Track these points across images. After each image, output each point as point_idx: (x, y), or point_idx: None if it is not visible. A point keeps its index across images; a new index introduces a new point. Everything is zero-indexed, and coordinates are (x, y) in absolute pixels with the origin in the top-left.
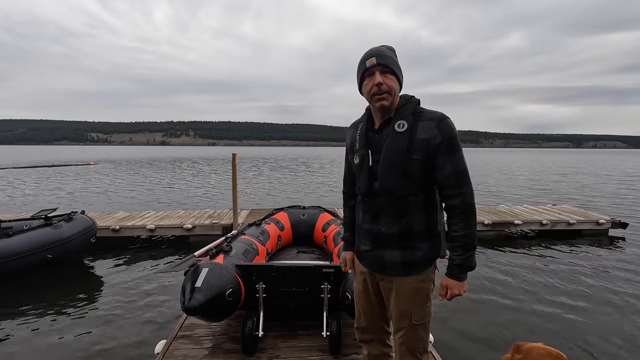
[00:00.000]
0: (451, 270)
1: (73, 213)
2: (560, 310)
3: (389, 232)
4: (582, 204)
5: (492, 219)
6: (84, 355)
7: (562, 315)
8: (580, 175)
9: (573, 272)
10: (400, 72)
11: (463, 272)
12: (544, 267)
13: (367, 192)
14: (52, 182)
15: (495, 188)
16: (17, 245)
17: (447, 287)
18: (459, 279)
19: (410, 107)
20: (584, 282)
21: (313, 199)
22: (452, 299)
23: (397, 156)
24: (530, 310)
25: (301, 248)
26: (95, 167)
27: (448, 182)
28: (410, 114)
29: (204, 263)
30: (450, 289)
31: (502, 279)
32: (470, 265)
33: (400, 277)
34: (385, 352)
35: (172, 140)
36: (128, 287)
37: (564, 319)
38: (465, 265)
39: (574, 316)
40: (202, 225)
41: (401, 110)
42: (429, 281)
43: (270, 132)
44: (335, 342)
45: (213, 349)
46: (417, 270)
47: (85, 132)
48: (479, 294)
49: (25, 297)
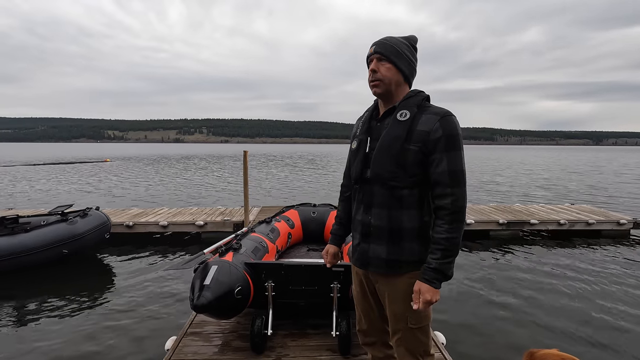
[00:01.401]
0: (425, 274)
1: (88, 209)
2: (578, 315)
3: (378, 224)
4: (602, 204)
5: (507, 218)
6: (96, 349)
7: (580, 319)
8: (599, 173)
9: (593, 275)
10: (404, 63)
11: (437, 278)
12: (562, 269)
13: (358, 179)
14: (70, 178)
15: (508, 186)
16: (34, 240)
17: (419, 292)
18: (433, 284)
19: (416, 100)
20: (605, 285)
21: (324, 196)
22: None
23: (393, 144)
24: (547, 313)
25: (311, 246)
26: (110, 164)
27: (441, 180)
28: (416, 106)
29: (213, 261)
30: (422, 294)
31: (517, 280)
32: (446, 272)
33: (389, 278)
34: (389, 354)
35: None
36: (140, 282)
37: (581, 324)
38: (441, 270)
39: (592, 320)
40: (214, 222)
41: (406, 102)
42: None
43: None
44: (344, 342)
45: (222, 347)
46: (402, 270)
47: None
48: (493, 294)
49: (42, 291)
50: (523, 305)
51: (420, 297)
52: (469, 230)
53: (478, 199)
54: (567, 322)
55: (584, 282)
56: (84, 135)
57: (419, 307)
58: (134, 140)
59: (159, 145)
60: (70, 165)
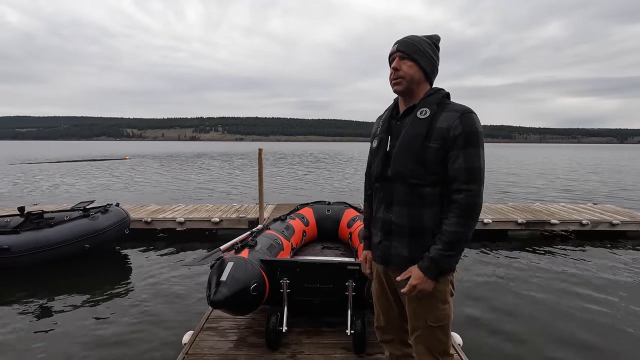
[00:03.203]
0: (422, 261)
1: (109, 205)
2: (601, 321)
3: (399, 222)
4: (627, 204)
5: (527, 218)
6: (115, 340)
7: (603, 326)
8: (621, 173)
9: (618, 278)
10: (426, 61)
11: (433, 268)
12: (585, 272)
13: (379, 177)
14: (91, 175)
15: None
16: (58, 235)
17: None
18: (427, 273)
19: (436, 98)
20: (632, 290)
21: (338, 194)
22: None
23: (413, 141)
24: (568, 319)
25: (326, 244)
26: (130, 161)
27: (458, 176)
28: (436, 103)
29: (230, 257)
30: (411, 277)
31: (536, 282)
32: (444, 265)
33: None
34: (407, 352)
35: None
36: (157, 277)
37: (604, 332)
38: (439, 262)
39: (616, 329)
40: (229, 219)
41: (427, 99)
42: (445, 283)
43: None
44: (359, 341)
45: (238, 342)
46: None
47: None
48: (510, 297)
49: (64, 283)
50: (542, 309)
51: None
52: (487, 229)
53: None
54: (589, 331)
55: (608, 286)
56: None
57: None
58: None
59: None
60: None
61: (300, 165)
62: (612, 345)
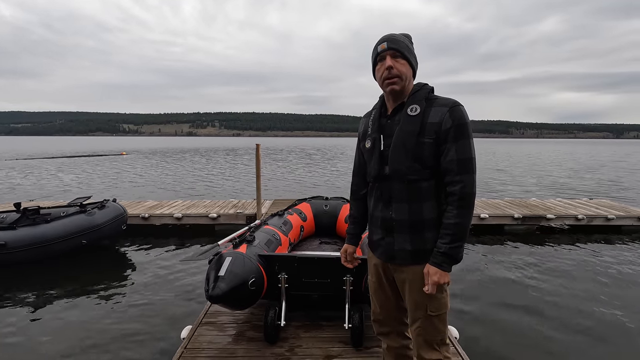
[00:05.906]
0: (434, 258)
1: (106, 201)
2: (598, 316)
3: (399, 218)
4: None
5: (523, 213)
6: (113, 336)
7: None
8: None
9: (614, 272)
10: (413, 59)
11: (447, 261)
12: (581, 266)
13: (377, 176)
14: (88, 171)
15: (519, 181)
16: (54, 230)
17: (427, 274)
18: (441, 267)
19: (423, 93)
20: (627, 285)
21: (336, 189)
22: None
23: (408, 139)
24: (563, 313)
25: (324, 239)
26: (127, 157)
27: (451, 168)
28: (424, 99)
29: (228, 252)
30: (430, 276)
31: (532, 276)
32: (455, 256)
33: (412, 267)
34: (404, 344)
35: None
36: (156, 273)
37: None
38: (450, 254)
39: (613, 323)
40: (227, 214)
41: (414, 96)
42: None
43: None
44: (357, 334)
45: (236, 336)
46: (427, 260)
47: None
48: (506, 291)
49: (61, 279)
50: (538, 303)
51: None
52: (483, 224)
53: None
54: (584, 323)
55: (604, 280)
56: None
57: (428, 289)
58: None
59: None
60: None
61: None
62: (606, 336)
